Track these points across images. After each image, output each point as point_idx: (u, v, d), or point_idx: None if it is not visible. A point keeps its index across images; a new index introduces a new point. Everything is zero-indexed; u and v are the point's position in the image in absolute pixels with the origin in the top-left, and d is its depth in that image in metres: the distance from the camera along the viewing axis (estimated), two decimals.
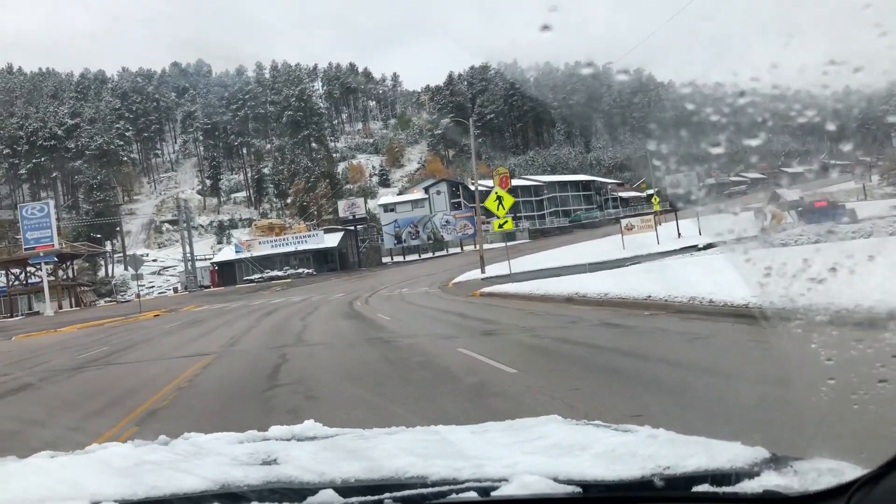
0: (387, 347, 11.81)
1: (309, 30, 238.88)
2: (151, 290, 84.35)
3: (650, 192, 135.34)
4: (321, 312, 24.49)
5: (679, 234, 45.60)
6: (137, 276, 39.50)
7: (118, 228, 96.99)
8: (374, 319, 18.58)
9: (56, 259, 60.59)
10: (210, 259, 77.39)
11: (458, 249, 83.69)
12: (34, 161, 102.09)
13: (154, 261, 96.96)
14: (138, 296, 42.48)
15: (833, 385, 2.20)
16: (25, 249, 58.55)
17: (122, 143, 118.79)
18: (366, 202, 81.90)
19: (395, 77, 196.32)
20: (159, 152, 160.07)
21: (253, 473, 1.93)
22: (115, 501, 1.75)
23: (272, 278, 67.02)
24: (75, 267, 71.45)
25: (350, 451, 2.15)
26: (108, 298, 76.71)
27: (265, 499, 1.77)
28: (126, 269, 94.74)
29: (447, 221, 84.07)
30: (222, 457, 2.16)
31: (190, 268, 68.29)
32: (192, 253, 69.23)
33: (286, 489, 1.83)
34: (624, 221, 48.65)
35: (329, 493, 1.76)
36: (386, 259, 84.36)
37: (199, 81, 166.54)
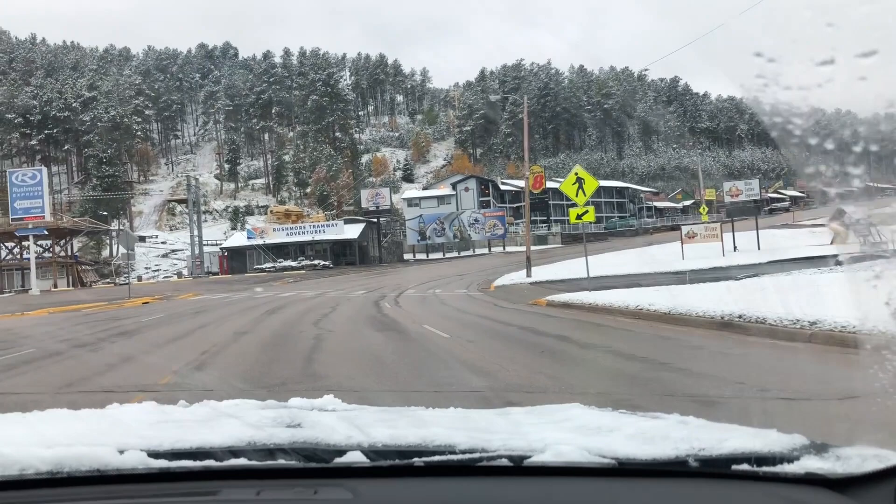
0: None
1: (339, 22, 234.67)
2: (157, 272, 79.51)
3: (686, 202, 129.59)
4: (341, 315, 19.01)
5: (735, 247, 40.70)
6: (129, 256, 34.34)
7: (128, 207, 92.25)
8: (424, 335, 12.86)
9: (45, 232, 55.24)
10: (220, 244, 72.08)
11: (485, 250, 78.11)
12: (46, 132, 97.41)
13: (163, 243, 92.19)
14: (139, 279, 37.20)
15: None
16: (13, 220, 53.39)
17: (139, 119, 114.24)
18: (392, 193, 76.23)
19: (424, 72, 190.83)
20: (179, 134, 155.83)
21: (279, 433, 1.91)
22: (142, 450, 1.73)
23: (285, 268, 61.69)
24: (74, 244, 66.47)
25: (375, 421, 2.10)
26: (108, 279, 71.76)
27: (292, 457, 1.76)
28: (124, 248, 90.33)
29: (475, 220, 78.46)
30: (246, 418, 2.10)
31: (197, 252, 63.06)
32: (200, 236, 64.00)
33: (314, 449, 1.81)
34: (685, 229, 43.04)
35: (357, 455, 1.75)
36: (408, 256, 78.86)
37: (225, 63, 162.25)
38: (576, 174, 18.85)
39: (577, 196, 18.52)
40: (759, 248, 41.11)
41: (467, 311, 19.18)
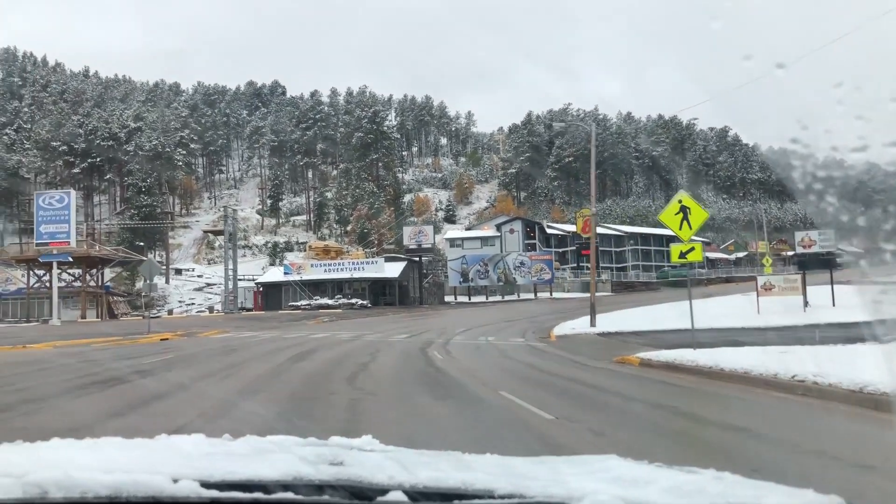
0: None
1: (385, 68, 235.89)
2: (191, 306, 77.01)
3: (740, 254, 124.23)
4: (382, 367, 15.45)
5: (807, 303, 36.04)
6: (150, 287, 31.29)
7: (165, 237, 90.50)
8: (509, 411, 8.98)
9: (70, 259, 52.66)
10: (255, 279, 69.27)
11: (530, 295, 74.21)
12: (89, 161, 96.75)
13: (199, 276, 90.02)
14: (170, 312, 34.12)
15: None
16: (37, 245, 51.06)
17: (183, 151, 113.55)
18: (434, 232, 72.94)
19: (469, 115, 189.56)
20: (224, 168, 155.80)
21: (324, 470, 1.96)
22: (195, 480, 1.80)
23: (320, 306, 58.47)
24: (107, 274, 64.27)
25: (415, 463, 2.12)
26: (141, 312, 69.30)
27: (338, 494, 1.83)
28: (167, 281, 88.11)
29: (521, 263, 74.74)
30: (290, 454, 2.16)
31: (231, 286, 60.23)
32: (235, 270, 61.22)
33: (357, 487, 1.86)
34: (761, 280, 38.88)
35: (398, 494, 1.80)
36: (449, 298, 75.25)
37: (272, 101, 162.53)
38: (679, 202, 15.16)
39: (680, 229, 14.80)
40: (833, 305, 35.97)
41: (542, 368, 15.46)
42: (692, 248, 15.61)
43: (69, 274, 59.23)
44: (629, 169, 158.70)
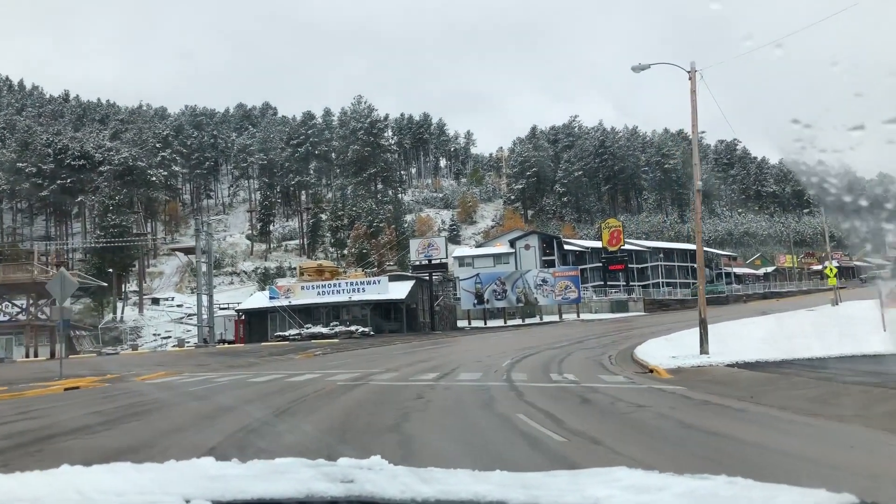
0: None
1: (379, 95, 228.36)
2: (168, 339, 67.47)
3: (768, 268, 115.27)
4: (439, 452, 6.08)
5: None
6: (61, 311, 22.16)
7: (141, 263, 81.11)
8: None
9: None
10: (237, 307, 59.54)
11: (553, 317, 64.91)
12: (59, 182, 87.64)
13: (179, 306, 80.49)
14: (133, 347, 24.81)
15: None
16: None
17: (164, 172, 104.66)
18: (447, 246, 63.59)
19: (468, 135, 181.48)
20: (212, 193, 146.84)
21: (335, 488, 1.96)
22: (207, 500, 1.82)
23: (313, 336, 48.92)
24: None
25: (425, 479, 2.10)
26: (112, 348, 59.80)
27: None
28: (140, 311, 78.66)
29: (543, 280, 65.50)
30: (301, 474, 2.17)
31: (206, 315, 50.75)
32: (210, 295, 51.81)
33: (369, 501, 1.87)
34: (885, 286, 29.45)
35: None
36: (461, 322, 65.86)
37: (262, 122, 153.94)
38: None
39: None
40: None
41: (738, 438, 6.28)
42: None
43: (16, 305, 49.92)
44: (639, 184, 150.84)
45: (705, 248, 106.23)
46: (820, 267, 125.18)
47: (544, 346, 30.80)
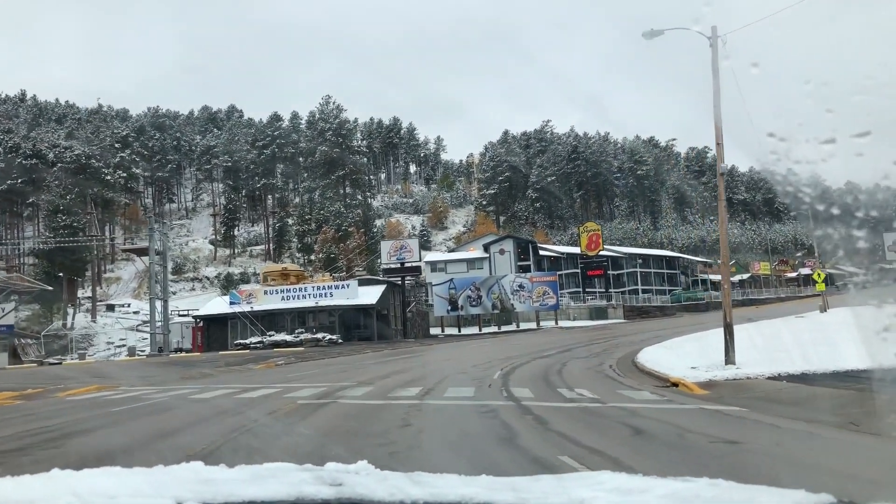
0: None
1: (347, 102, 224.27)
2: (122, 348, 63.25)
3: (743, 275, 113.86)
4: None
5: None
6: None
7: (94, 267, 76.61)
8: None
9: None
10: (195, 313, 55.52)
11: (531, 324, 62.02)
12: (8, 183, 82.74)
13: (136, 312, 76.06)
14: (81, 356, 21.31)
15: None
16: None
17: (123, 174, 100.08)
18: (422, 246, 60.24)
19: (438, 141, 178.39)
20: (175, 197, 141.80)
21: (324, 490, 1.94)
22: (199, 503, 1.82)
23: (276, 344, 45.35)
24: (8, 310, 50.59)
25: (413, 482, 2.09)
26: (57, 357, 55.47)
27: None
28: (93, 318, 74.09)
29: (520, 286, 62.62)
30: (291, 477, 2.15)
31: (160, 321, 46.92)
32: (165, 299, 48.01)
33: (359, 503, 1.81)
34: None
35: None
36: (435, 330, 62.64)
37: (228, 124, 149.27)
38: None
39: None
40: None
41: None
42: None
43: None
44: (612, 190, 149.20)
45: (680, 255, 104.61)
46: (794, 274, 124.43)
47: (530, 354, 27.88)
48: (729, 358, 17.23)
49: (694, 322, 48.79)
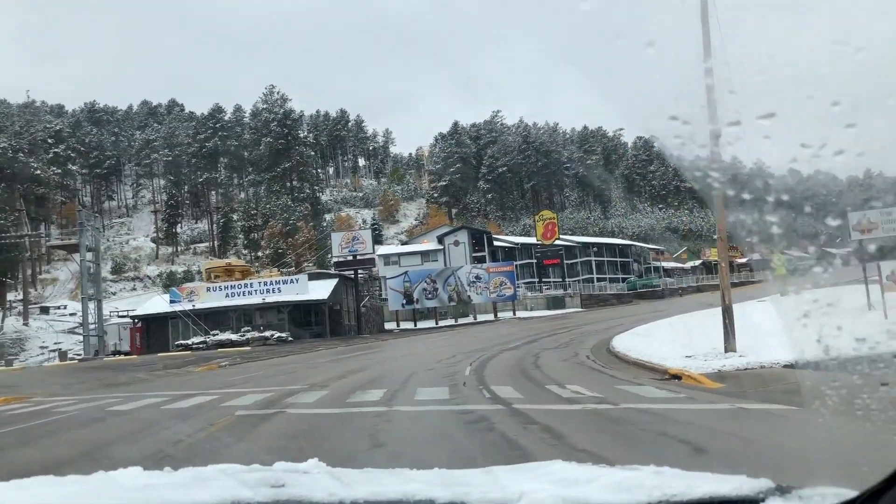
0: None
1: (294, 91, 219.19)
2: (56, 353, 59.28)
3: (694, 262, 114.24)
4: None
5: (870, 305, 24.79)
6: None
7: (24, 267, 72.16)
8: None
9: None
10: (132, 313, 51.99)
11: (488, 315, 60.18)
12: None
13: (72, 314, 71.98)
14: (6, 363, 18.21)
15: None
16: None
17: (58, 170, 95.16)
18: (374, 240, 57.74)
19: (387, 133, 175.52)
20: (115, 195, 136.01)
21: (263, 492, 1.90)
22: None
23: (220, 344, 42.44)
24: None
25: (357, 481, 2.08)
26: None
27: None
28: (25, 321, 69.78)
29: (477, 277, 60.68)
30: (231, 481, 2.10)
31: (95, 323, 43.58)
32: (99, 300, 44.65)
33: None
34: (887, 267, 26.01)
35: None
36: (390, 324, 60.31)
37: (168, 118, 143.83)
38: None
39: None
40: None
41: None
42: None
43: None
44: (561, 181, 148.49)
45: (632, 243, 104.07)
46: (744, 260, 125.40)
47: (495, 347, 25.89)
48: (730, 345, 15.43)
49: (653, 309, 47.75)
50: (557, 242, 76.13)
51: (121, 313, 58.69)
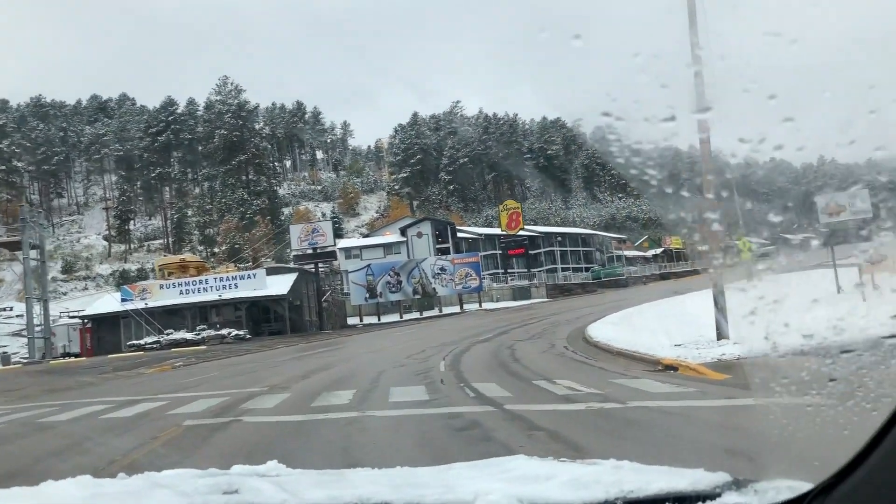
0: None
1: (249, 85, 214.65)
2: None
3: (655, 250, 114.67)
4: None
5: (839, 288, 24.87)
6: None
7: None
8: None
9: None
10: (82, 313, 49.64)
11: (454, 308, 59.03)
12: None
13: (19, 316, 68.90)
14: None
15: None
16: None
17: (2, 167, 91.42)
18: (335, 233, 56.12)
19: (345, 126, 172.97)
20: (64, 192, 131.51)
21: (214, 500, 1.87)
22: None
23: (175, 343, 40.53)
24: None
25: (314, 483, 2.06)
26: None
27: None
28: None
29: (441, 269, 59.49)
30: (181, 489, 2.05)
31: (40, 323, 41.36)
32: (45, 300, 42.40)
33: None
34: (864, 250, 24.98)
35: None
36: (353, 320, 58.77)
37: (119, 113, 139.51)
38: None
39: None
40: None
41: None
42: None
43: None
44: (523, 172, 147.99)
45: (593, 232, 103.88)
46: (705, 247, 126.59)
47: (466, 339, 24.77)
48: (722, 332, 14.38)
49: (619, 298, 47.27)
50: (521, 233, 75.35)
51: (71, 314, 56.23)
